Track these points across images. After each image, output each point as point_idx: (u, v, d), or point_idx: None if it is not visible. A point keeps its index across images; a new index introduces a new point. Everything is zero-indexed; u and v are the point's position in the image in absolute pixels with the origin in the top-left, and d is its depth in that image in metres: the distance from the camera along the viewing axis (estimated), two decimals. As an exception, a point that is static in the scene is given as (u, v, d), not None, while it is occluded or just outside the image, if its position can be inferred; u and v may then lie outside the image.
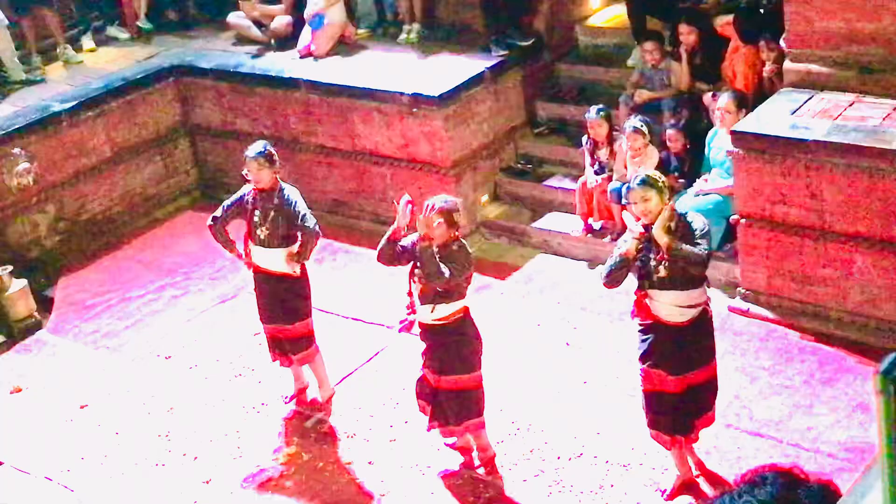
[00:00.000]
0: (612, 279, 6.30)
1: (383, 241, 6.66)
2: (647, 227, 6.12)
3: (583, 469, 6.92)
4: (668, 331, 6.26)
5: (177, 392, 8.31)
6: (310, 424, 7.75)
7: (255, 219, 7.32)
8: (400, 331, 6.79)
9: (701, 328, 6.34)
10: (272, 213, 7.24)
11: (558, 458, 7.05)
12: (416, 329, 6.83)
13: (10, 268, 9.46)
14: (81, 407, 8.30)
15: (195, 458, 7.56)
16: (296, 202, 7.28)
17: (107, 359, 8.92)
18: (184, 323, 9.24)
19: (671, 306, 6.23)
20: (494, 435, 7.17)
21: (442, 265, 6.33)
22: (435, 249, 6.37)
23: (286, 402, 7.94)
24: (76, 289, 9.98)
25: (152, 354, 8.86)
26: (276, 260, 7.37)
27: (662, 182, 6.15)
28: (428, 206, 6.42)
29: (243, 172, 7.36)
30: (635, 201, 6.15)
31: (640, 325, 6.39)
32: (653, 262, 6.17)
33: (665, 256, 6.09)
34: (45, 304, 9.73)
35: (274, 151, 7.30)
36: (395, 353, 8.29)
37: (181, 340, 8.98)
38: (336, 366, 8.08)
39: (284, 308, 7.48)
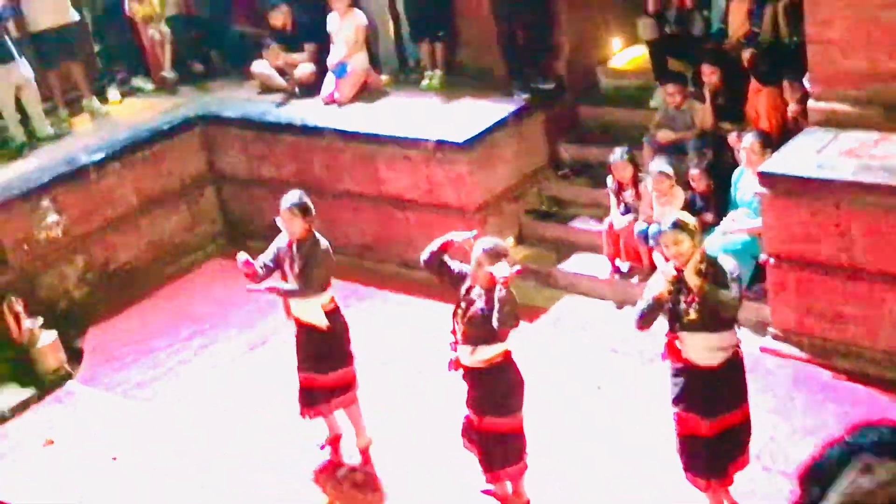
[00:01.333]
0: (645, 321, 6.30)
1: (435, 245, 6.68)
2: (679, 270, 6.13)
3: (617, 514, 6.89)
4: (700, 373, 6.25)
5: (207, 441, 8.31)
6: (342, 474, 7.73)
7: (286, 269, 7.35)
8: (449, 369, 6.74)
9: (733, 370, 6.33)
10: (299, 265, 7.25)
11: (591, 501, 7.00)
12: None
13: (40, 320, 9.53)
14: (113, 458, 8.31)
15: (228, 507, 7.56)
16: (314, 258, 7.25)
17: (137, 409, 8.95)
18: (213, 371, 9.27)
19: (702, 349, 6.22)
20: (525, 479, 7.14)
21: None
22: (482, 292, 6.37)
23: (320, 450, 7.92)
24: (105, 339, 10.04)
25: (182, 403, 8.88)
26: (309, 310, 7.37)
27: (693, 225, 6.16)
28: (491, 249, 6.38)
29: (277, 221, 7.37)
30: (667, 244, 6.17)
31: (672, 367, 6.38)
32: (683, 305, 6.17)
33: (696, 299, 6.09)
34: (75, 356, 9.78)
35: (309, 203, 7.29)
36: (423, 397, 8.28)
37: (211, 389, 9.01)
38: (363, 411, 8.07)
39: (319, 358, 7.47)
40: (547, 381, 8.21)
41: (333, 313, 7.41)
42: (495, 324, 6.23)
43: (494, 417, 6.59)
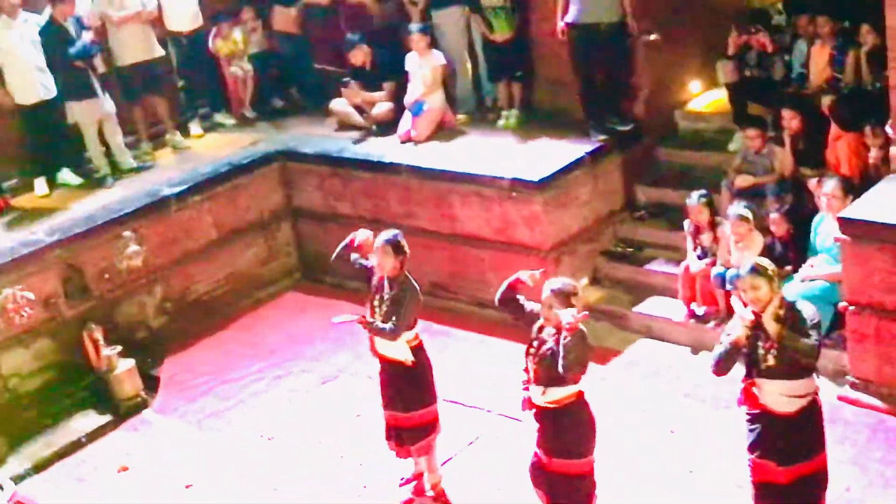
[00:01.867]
0: (722, 367, 6.23)
1: (505, 284, 6.70)
2: (757, 315, 6.07)
3: (690, 560, 6.81)
4: (777, 420, 6.17)
5: (280, 473, 8.37)
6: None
7: (375, 304, 7.39)
8: (522, 409, 6.72)
9: (810, 418, 6.24)
10: (388, 303, 7.30)
11: (663, 548, 6.94)
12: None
13: (118, 348, 9.71)
14: (187, 486, 8.41)
15: (299, 540, 7.60)
16: (406, 298, 7.27)
17: (211, 439, 9.05)
18: (286, 404, 9.34)
19: (779, 395, 6.14)
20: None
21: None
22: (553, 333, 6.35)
23: (401, 486, 7.91)
24: (181, 369, 10.18)
25: (255, 435, 8.96)
26: (394, 347, 7.38)
27: (772, 271, 6.09)
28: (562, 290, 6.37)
29: (369, 257, 7.43)
30: (745, 289, 6.12)
31: (748, 414, 6.31)
32: (762, 351, 6.10)
33: (775, 345, 6.03)
34: (152, 384, 9.92)
35: (403, 242, 7.31)
36: (495, 437, 8.27)
37: (284, 421, 9.07)
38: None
39: (402, 396, 7.48)
40: (619, 425, 8.15)
41: (418, 350, 7.43)
42: (560, 369, 6.20)
43: (564, 459, 6.53)
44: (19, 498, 7.94)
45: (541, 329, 6.49)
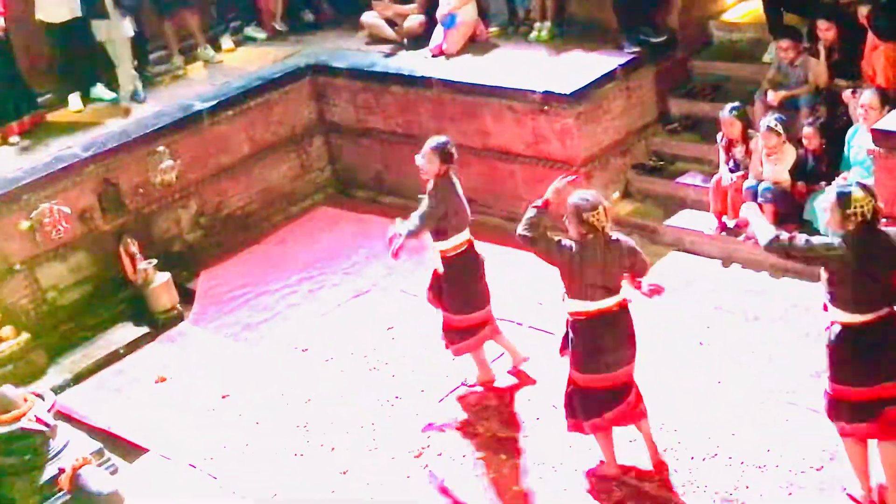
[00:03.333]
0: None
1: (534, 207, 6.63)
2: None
3: (717, 470, 6.88)
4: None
5: (314, 384, 8.52)
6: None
7: None
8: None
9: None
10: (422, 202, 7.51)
11: (692, 458, 7.01)
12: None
13: (154, 261, 9.85)
14: (223, 397, 8.59)
15: (332, 448, 7.75)
16: (428, 198, 7.48)
17: (246, 350, 9.20)
18: (319, 316, 9.47)
19: None
20: (627, 433, 7.18)
21: None
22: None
23: (467, 386, 8.13)
24: (216, 282, 10.32)
25: (290, 347, 9.10)
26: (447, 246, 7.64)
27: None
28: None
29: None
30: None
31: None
32: None
33: None
34: (187, 297, 10.09)
35: (451, 149, 7.49)
36: (526, 350, 8.34)
37: (317, 334, 9.21)
38: (464, 367, 8.21)
39: (451, 298, 7.74)
40: (650, 337, 8.18)
41: (456, 259, 7.65)
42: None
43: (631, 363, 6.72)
44: (59, 408, 8.13)
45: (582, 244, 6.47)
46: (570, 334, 6.67)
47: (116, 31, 10.95)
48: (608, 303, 6.52)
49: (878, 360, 5.93)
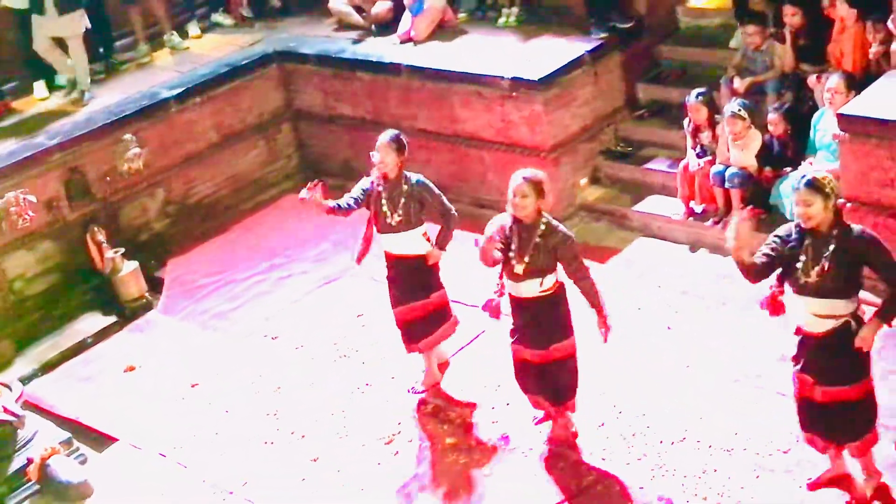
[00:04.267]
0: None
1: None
2: (805, 231, 5.75)
3: (686, 453, 6.93)
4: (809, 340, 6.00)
5: (284, 372, 8.52)
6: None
7: (384, 207, 7.43)
8: (495, 314, 6.93)
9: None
10: (403, 200, 7.37)
11: (661, 441, 7.07)
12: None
13: (122, 250, 9.80)
14: (192, 385, 8.57)
15: (302, 436, 7.75)
16: (427, 190, 7.45)
17: (215, 339, 9.18)
18: (289, 304, 9.45)
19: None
20: (596, 418, 7.23)
21: None
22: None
23: (412, 393, 8.05)
24: (185, 270, 10.28)
25: (259, 334, 9.09)
26: (410, 243, 7.54)
27: (831, 188, 5.63)
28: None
29: (371, 155, 7.45)
30: (797, 203, 5.69)
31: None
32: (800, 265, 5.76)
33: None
34: (156, 286, 10.04)
35: (405, 140, 7.43)
36: (496, 336, 8.35)
37: (287, 321, 9.20)
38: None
39: (422, 285, 7.67)
40: (618, 322, 8.22)
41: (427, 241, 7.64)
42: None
43: (562, 342, 6.81)
44: (27, 398, 8.09)
45: (511, 228, 6.61)
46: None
47: (68, 28, 10.53)
48: None
49: None
